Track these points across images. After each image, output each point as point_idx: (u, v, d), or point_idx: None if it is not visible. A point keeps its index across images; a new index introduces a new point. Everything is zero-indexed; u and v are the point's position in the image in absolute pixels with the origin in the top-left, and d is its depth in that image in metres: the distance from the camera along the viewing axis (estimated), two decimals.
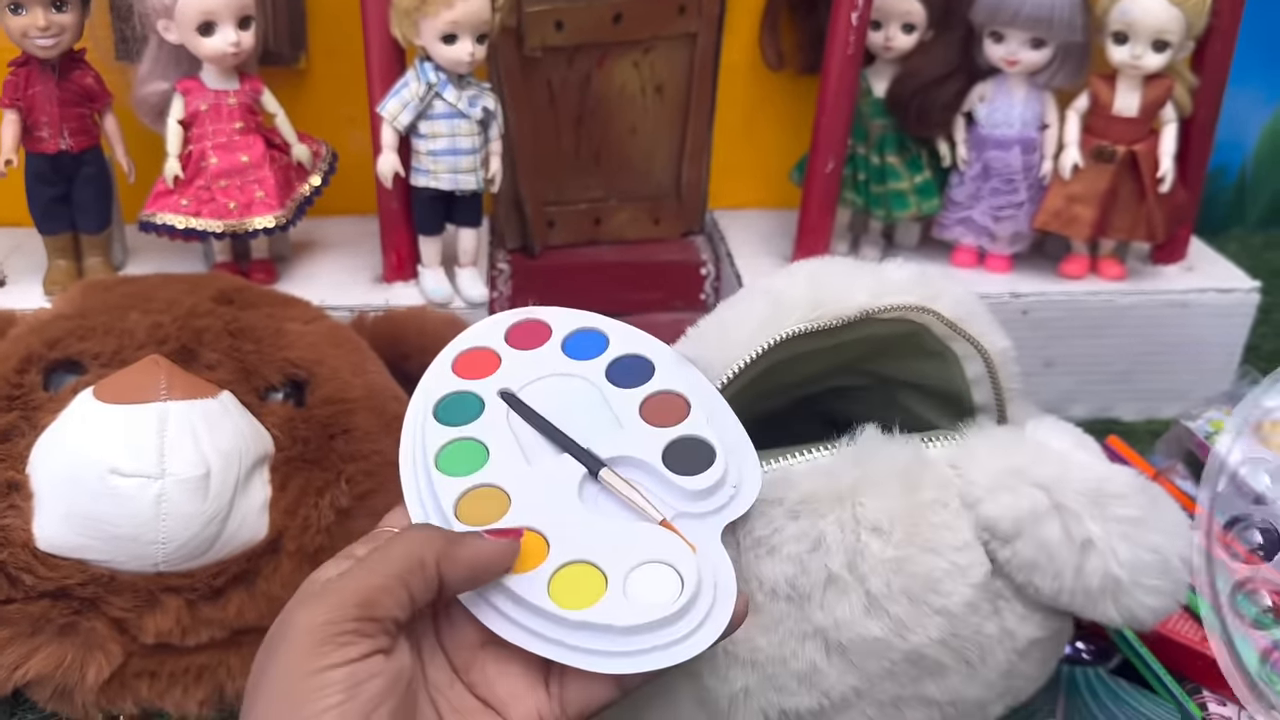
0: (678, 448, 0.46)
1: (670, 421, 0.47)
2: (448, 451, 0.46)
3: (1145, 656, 0.65)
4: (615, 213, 0.97)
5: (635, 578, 0.42)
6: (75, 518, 0.57)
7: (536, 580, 0.42)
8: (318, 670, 0.36)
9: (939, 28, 0.88)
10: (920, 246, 0.96)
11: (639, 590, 0.41)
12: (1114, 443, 0.84)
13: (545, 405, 0.47)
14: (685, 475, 0.45)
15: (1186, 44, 0.84)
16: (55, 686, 0.58)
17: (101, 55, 0.84)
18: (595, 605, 0.41)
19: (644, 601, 0.41)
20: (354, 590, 0.38)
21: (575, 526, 0.43)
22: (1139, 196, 0.88)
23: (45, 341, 0.64)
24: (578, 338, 0.51)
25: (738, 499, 0.45)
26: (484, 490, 0.45)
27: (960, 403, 0.54)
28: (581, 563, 0.42)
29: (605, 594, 0.41)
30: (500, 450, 0.46)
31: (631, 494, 0.44)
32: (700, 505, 0.44)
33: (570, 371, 0.49)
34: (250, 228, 0.81)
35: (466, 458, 0.46)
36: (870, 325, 0.52)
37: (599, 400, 0.48)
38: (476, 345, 0.51)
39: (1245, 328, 0.92)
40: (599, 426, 0.47)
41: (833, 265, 0.55)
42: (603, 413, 0.47)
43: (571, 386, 0.48)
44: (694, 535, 0.43)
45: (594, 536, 0.43)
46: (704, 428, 0.46)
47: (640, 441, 0.46)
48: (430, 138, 0.80)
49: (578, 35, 0.89)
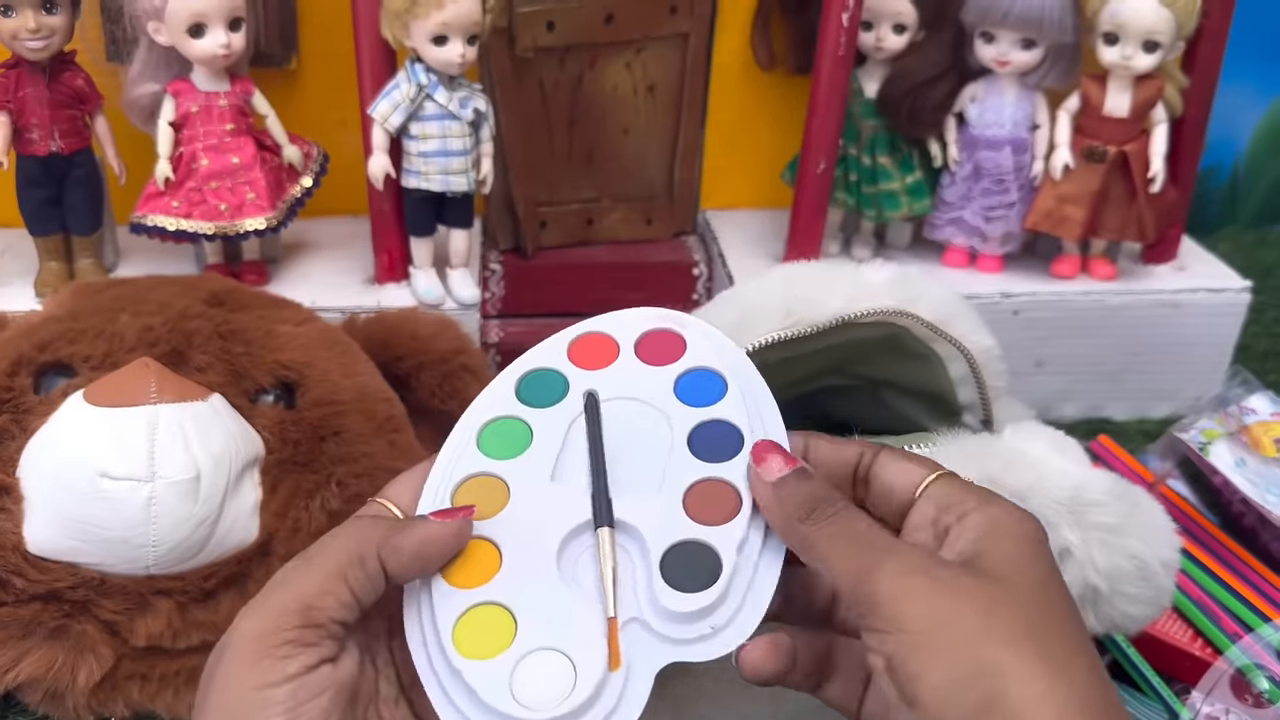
0: (683, 552, 0.39)
1: (709, 518, 0.40)
2: (496, 426, 0.43)
3: (1133, 657, 0.65)
4: (608, 213, 0.97)
5: (532, 661, 0.37)
6: (66, 521, 0.57)
7: (448, 608, 0.38)
8: (259, 687, 0.35)
9: (930, 28, 0.88)
10: (912, 247, 0.96)
11: (526, 677, 0.37)
12: (1105, 442, 0.84)
13: (618, 430, 0.42)
14: (675, 588, 0.38)
15: (1177, 44, 0.84)
16: (46, 689, 0.59)
17: (92, 57, 0.84)
18: (490, 659, 0.37)
19: (523, 695, 0.36)
20: (292, 595, 0.36)
21: (537, 567, 0.39)
22: (1130, 196, 0.88)
23: (36, 344, 0.64)
24: (693, 376, 0.44)
25: (712, 640, 0.38)
26: (489, 481, 0.41)
27: (946, 403, 0.55)
28: (504, 610, 0.38)
29: (502, 654, 0.37)
30: (538, 451, 0.42)
31: (606, 571, 0.39)
32: (666, 626, 0.38)
33: (663, 408, 0.43)
34: (241, 229, 0.81)
35: (508, 441, 0.43)
36: (851, 329, 0.52)
37: (663, 451, 0.42)
38: (605, 333, 0.46)
39: (1236, 327, 0.92)
40: (641, 478, 0.41)
41: (808, 270, 0.55)
42: (654, 466, 0.41)
43: (653, 424, 0.43)
44: (633, 652, 0.37)
45: (540, 587, 0.39)
46: (730, 539, 0.39)
47: (662, 522, 0.40)
48: (421, 139, 0.80)
49: (569, 36, 0.89)
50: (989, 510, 0.37)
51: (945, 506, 0.38)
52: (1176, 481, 0.80)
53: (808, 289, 0.53)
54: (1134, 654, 0.65)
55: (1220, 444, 0.76)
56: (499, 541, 0.40)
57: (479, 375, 0.74)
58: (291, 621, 0.36)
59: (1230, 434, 0.77)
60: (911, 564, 0.35)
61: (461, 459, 0.42)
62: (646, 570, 0.39)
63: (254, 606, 0.37)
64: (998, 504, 0.38)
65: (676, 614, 0.38)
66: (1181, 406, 0.92)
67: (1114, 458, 0.82)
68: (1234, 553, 0.73)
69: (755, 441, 0.40)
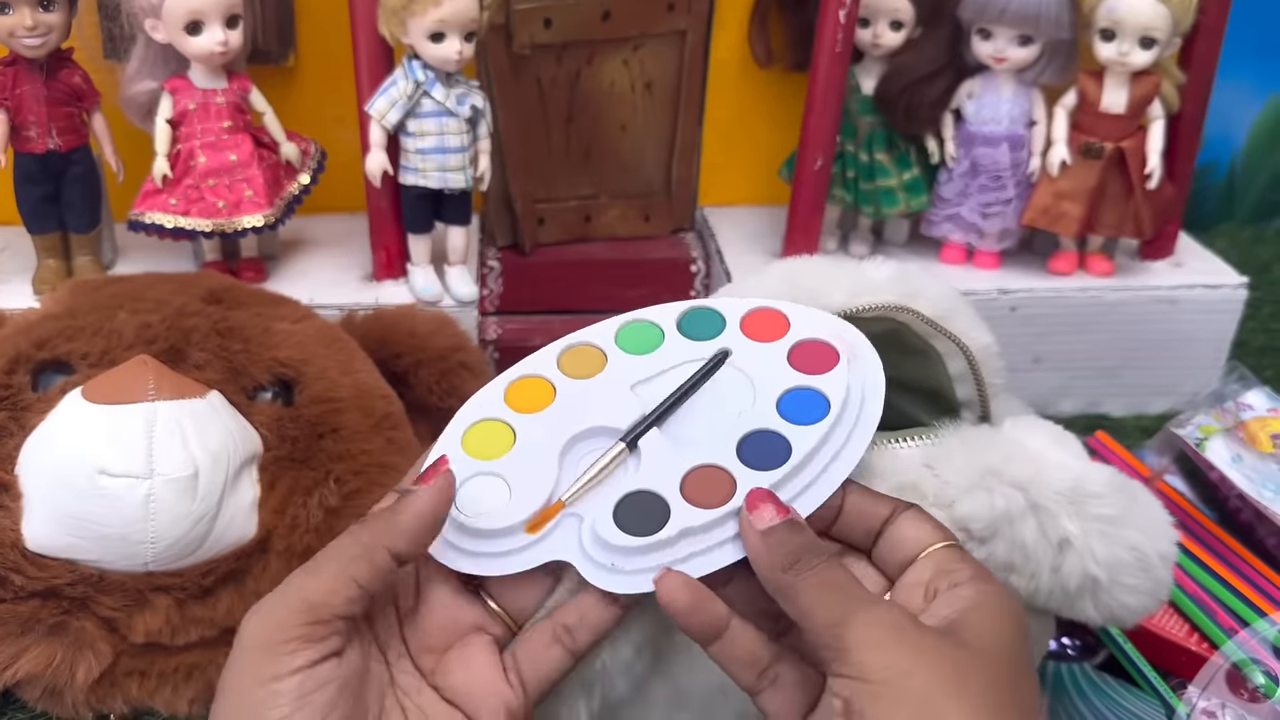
0: (640, 500, 0.43)
1: (706, 498, 0.43)
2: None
3: (1130, 652, 0.65)
4: (605, 210, 0.97)
5: (484, 483, 0.45)
6: (64, 518, 0.57)
7: None
8: (266, 680, 0.37)
9: (927, 25, 0.88)
10: (909, 243, 0.97)
11: (475, 493, 0.44)
12: (1102, 438, 0.84)
13: (705, 397, 0.47)
14: (617, 522, 0.43)
15: (1174, 41, 0.84)
16: (45, 686, 0.59)
17: (90, 54, 0.84)
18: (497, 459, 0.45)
19: (465, 505, 0.44)
20: (298, 595, 0.38)
21: (546, 445, 0.45)
22: (1127, 193, 0.88)
23: (34, 342, 0.64)
24: (795, 396, 0.47)
25: (611, 575, 0.42)
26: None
27: (944, 399, 0.55)
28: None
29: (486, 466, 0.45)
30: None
31: (589, 470, 0.44)
32: (593, 544, 0.43)
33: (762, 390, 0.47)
34: (239, 227, 0.81)
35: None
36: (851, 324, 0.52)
37: (728, 424, 0.46)
38: (779, 310, 0.50)
39: (1233, 323, 0.93)
40: (696, 435, 0.45)
41: (809, 265, 0.55)
42: (708, 432, 0.45)
43: (738, 394, 0.47)
44: (554, 534, 0.43)
45: (537, 456, 0.45)
46: (694, 519, 0.43)
47: (656, 472, 0.44)
48: (418, 136, 0.80)
49: (567, 33, 0.89)
50: (980, 585, 0.39)
51: (941, 572, 0.40)
52: (1174, 477, 0.81)
53: (810, 283, 0.53)
54: (1130, 649, 0.65)
55: (1217, 440, 0.76)
56: (518, 429, 0.46)
57: (477, 372, 0.74)
58: (298, 619, 0.37)
59: (1226, 430, 0.78)
60: (885, 618, 0.37)
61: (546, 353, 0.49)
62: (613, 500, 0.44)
63: (260, 608, 0.38)
64: (990, 582, 0.40)
65: (603, 540, 0.42)
66: (1179, 402, 0.92)
67: (1111, 453, 0.82)
68: (1230, 548, 0.74)
69: (750, 490, 0.42)
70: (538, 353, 0.49)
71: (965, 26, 0.87)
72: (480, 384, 0.49)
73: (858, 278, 0.54)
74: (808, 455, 0.44)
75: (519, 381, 0.48)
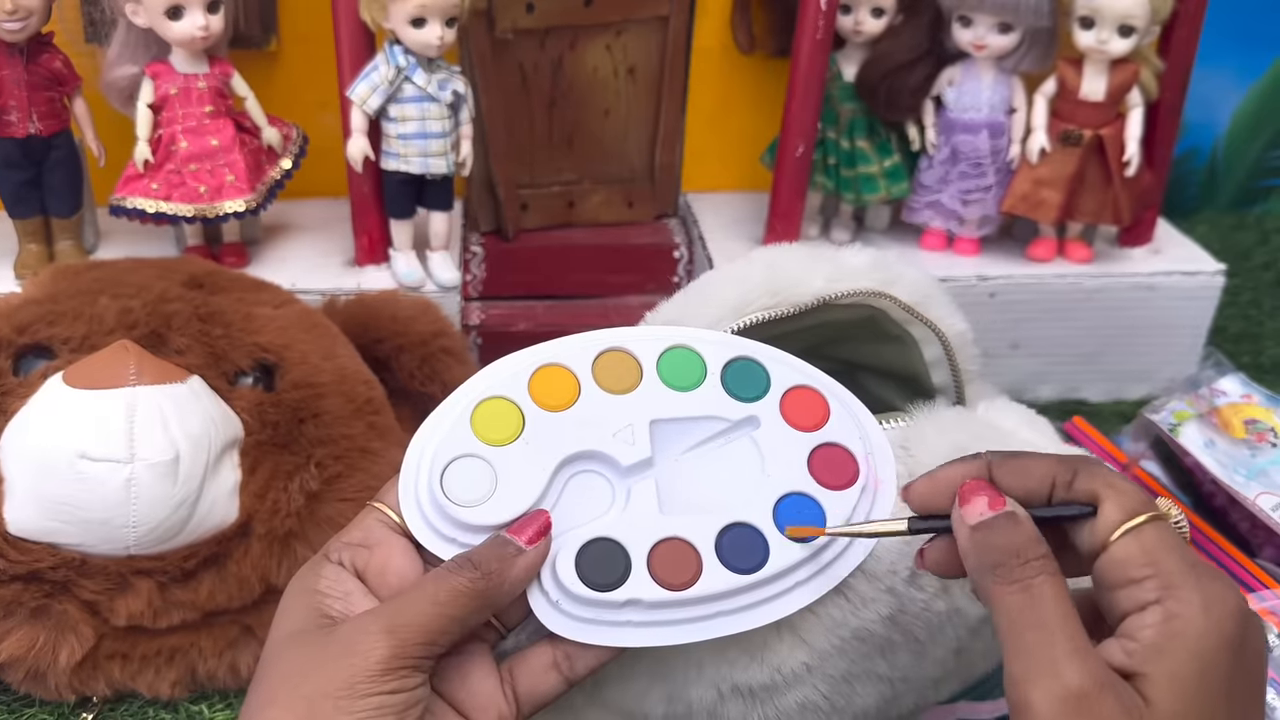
0: (602, 549, 0.44)
1: (667, 576, 0.44)
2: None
3: None
4: (589, 196, 0.98)
5: (466, 465, 0.44)
6: (45, 502, 0.58)
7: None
8: (376, 692, 0.39)
9: (908, 12, 0.88)
10: (890, 229, 0.97)
11: (456, 476, 0.44)
12: (1079, 424, 0.85)
13: (712, 457, 0.47)
14: (578, 573, 0.43)
15: (1152, 29, 0.85)
16: (28, 669, 0.59)
17: (70, 39, 0.84)
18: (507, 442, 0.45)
19: (452, 491, 0.44)
20: (421, 629, 0.41)
21: (555, 437, 0.45)
22: (1105, 180, 0.88)
23: (15, 327, 0.64)
24: (796, 501, 0.46)
25: (547, 611, 0.43)
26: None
27: (920, 385, 0.55)
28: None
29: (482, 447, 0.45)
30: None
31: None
32: (550, 582, 0.43)
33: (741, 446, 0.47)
34: (220, 212, 0.81)
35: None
36: (828, 311, 0.53)
37: (720, 501, 0.45)
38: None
39: (1211, 310, 0.93)
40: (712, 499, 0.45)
41: (790, 252, 0.55)
42: (699, 501, 0.45)
43: (744, 472, 0.46)
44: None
45: (538, 456, 0.45)
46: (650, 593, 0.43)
47: (635, 525, 0.44)
48: (400, 121, 0.80)
49: (549, 18, 0.89)
50: (1178, 604, 0.36)
51: (1126, 582, 0.37)
52: (1150, 462, 0.81)
53: (790, 270, 0.54)
54: None
55: (1190, 425, 0.77)
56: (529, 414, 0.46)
57: (459, 358, 0.75)
58: (417, 651, 0.40)
59: (1200, 416, 0.78)
60: (1073, 689, 0.35)
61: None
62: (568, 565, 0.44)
63: (378, 632, 0.40)
64: (1181, 601, 0.36)
65: (557, 575, 0.43)
66: (1157, 388, 0.93)
67: (1088, 439, 0.83)
68: (1205, 534, 0.74)
69: (965, 483, 0.40)
70: (578, 341, 0.48)
71: (946, 13, 0.87)
72: (463, 369, 0.49)
73: (837, 265, 0.54)
74: (782, 571, 0.44)
75: (548, 369, 0.47)
